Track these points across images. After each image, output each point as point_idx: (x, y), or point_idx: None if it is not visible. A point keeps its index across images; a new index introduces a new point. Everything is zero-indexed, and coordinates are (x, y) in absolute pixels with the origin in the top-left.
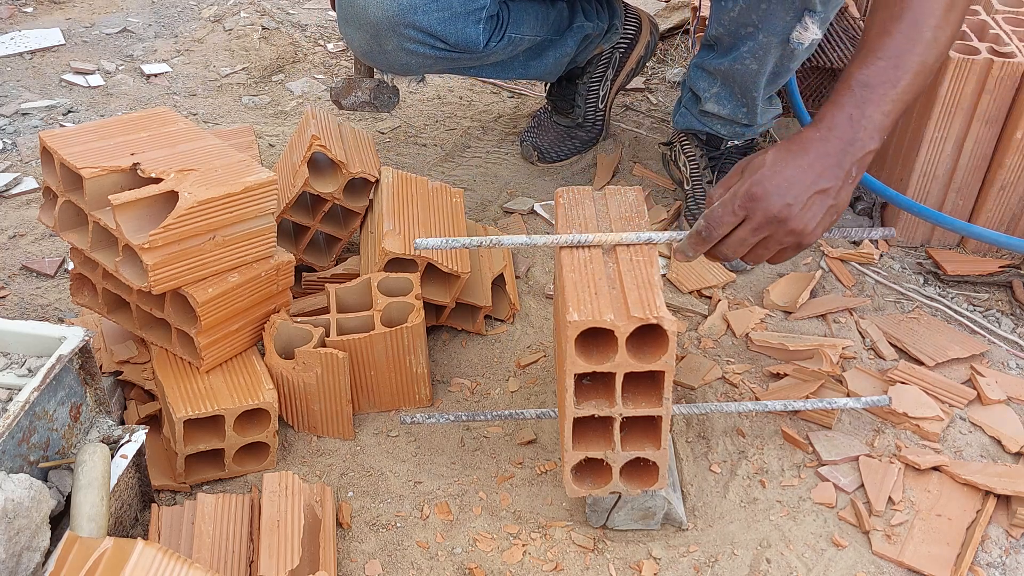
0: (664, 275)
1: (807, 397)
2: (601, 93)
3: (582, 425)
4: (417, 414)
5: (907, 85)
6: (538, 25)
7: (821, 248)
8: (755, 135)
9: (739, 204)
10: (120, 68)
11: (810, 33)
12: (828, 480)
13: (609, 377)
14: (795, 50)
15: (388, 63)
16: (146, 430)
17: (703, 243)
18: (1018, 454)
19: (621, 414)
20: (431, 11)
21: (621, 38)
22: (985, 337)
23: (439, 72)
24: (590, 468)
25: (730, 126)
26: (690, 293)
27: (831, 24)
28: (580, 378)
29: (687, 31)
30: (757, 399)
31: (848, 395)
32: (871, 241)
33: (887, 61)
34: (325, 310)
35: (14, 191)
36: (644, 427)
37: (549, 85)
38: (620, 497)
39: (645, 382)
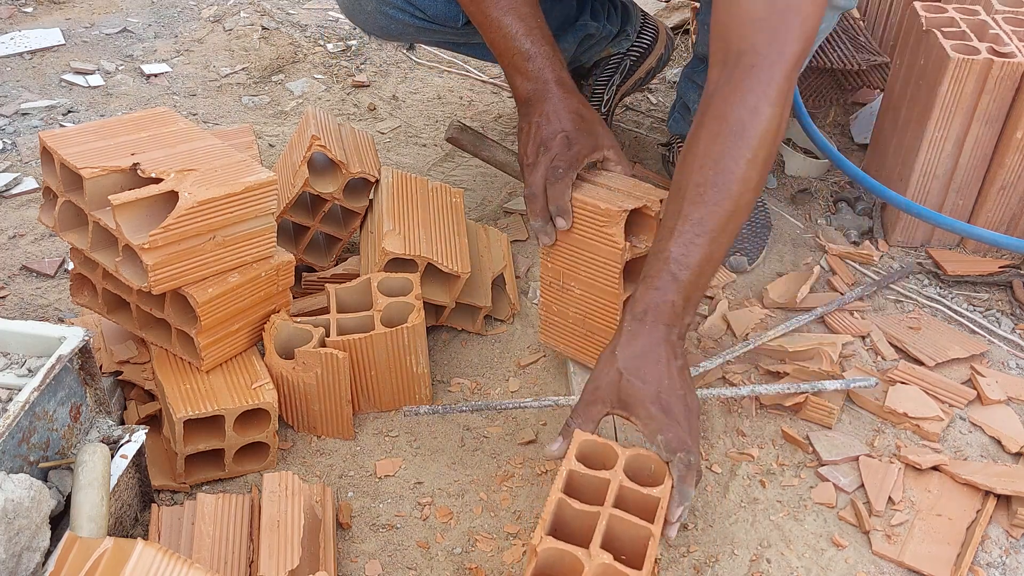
0: None
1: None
2: (605, 97)
3: None
4: (422, 407)
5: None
6: None
7: (822, 246)
8: None
9: (692, 425)
10: (120, 68)
11: None
12: (828, 480)
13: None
14: None
15: (369, 24)
16: (146, 430)
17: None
18: (1018, 454)
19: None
20: None
21: (634, 46)
22: (985, 337)
23: (427, 43)
24: None
25: None
26: None
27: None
28: None
29: (687, 31)
30: (758, 400)
31: (848, 395)
32: (869, 239)
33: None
34: (325, 310)
35: (14, 191)
36: None
37: None
38: None
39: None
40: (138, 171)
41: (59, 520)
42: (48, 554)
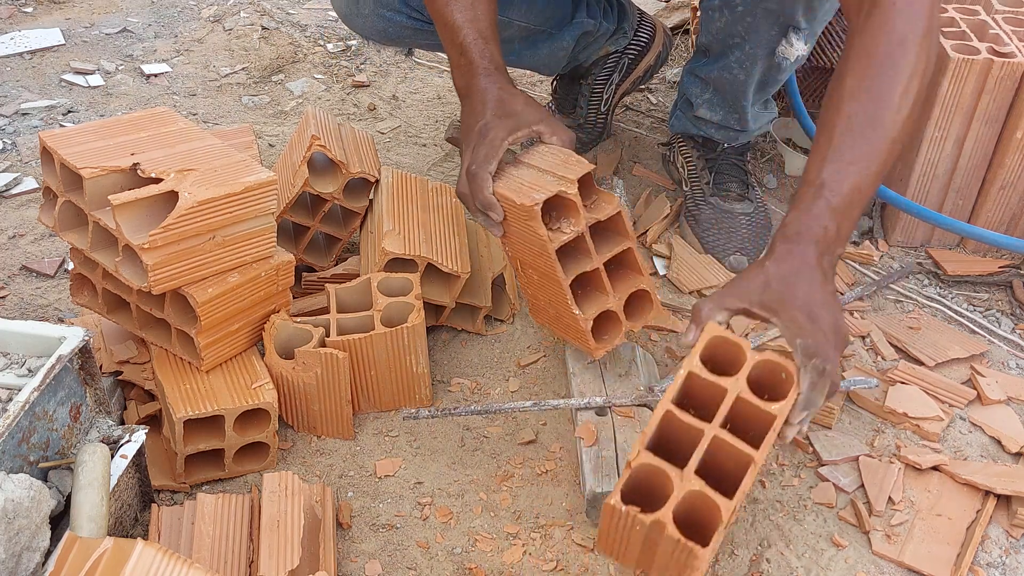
0: (664, 275)
1: None
2: (604, 96)
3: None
4: (421, 410)
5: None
6: (531, 13)
7: None
8: (749, 139)
9: (837, 339)
10: (120, 68)
11: (795, 49)
12: (828, 480)
13: (577, 243)
14: (780, 64)
15: (366, 29)
16: (146, 430)
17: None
18: (1018, 454)
19: (600, 264)
20: None
21: (631, 44)
22: (985, 337)
23: (425, 46)
24: (600, 329)
25: (723, 131)
26: (690, 293)
27: (831, 24)
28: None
29: (687, 31)
30: None
31: (848, 395)
32: (869, 239)
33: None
34: (325, 310)
35: (14, 191)
36: (623, 270)
37: (555, 83)
38: None
39: (605, 234)
40: (138, 171)
41: (59, 520)
42: (48, 554)
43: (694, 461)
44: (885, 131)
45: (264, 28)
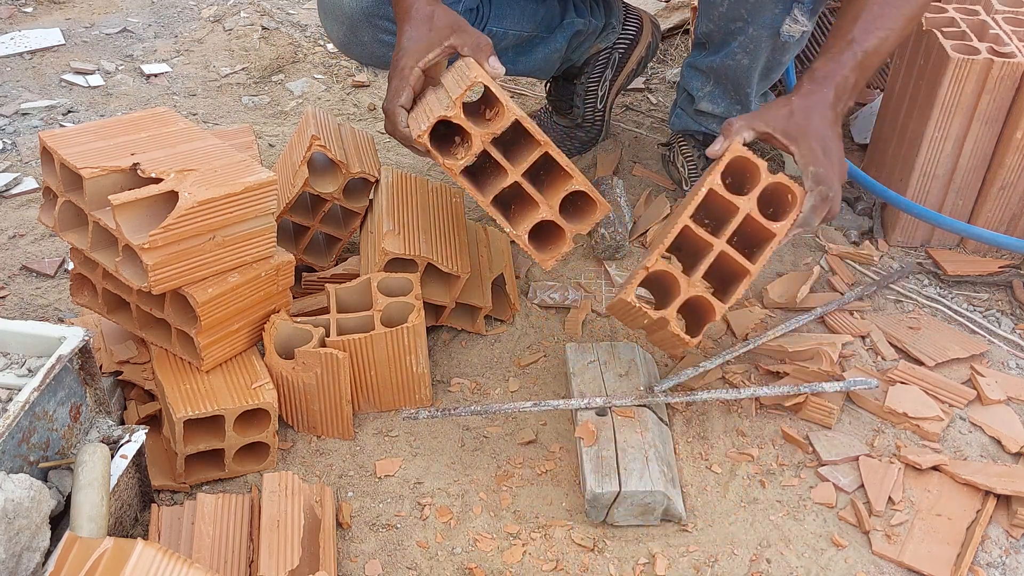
0: None
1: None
2: (600, 93)
3: (513, 217)
4: (421, 410)
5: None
6: (524, 20)
7: (822, 246)
8: None
9: (841, 172)
10: (120, 68)
11: (800, 25)
12: (828, 480)
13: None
14: (786, 43)
15: (366, 55)
16: (146, 430)
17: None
18: (1018, 454)
19: (519, 176)
20: None
21: (620, 38)
22: (985, 337)
23: None
24: (550, 240)
25: None
26: None
27: (830, 25)
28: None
29: (687, 31)
30: (758, 400)
31: (848, 395)
32: (869, 239)
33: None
34: (325, 310)
35: (14, 191)
36: (553, 176)
37: (549, 85)
38: (619, 494)
39: (521, 145)
40: (138, 171)
41: (59, 520)
42: (48, 554)
43: (700, 270)
44: (909, 7)
45: (264, 28)
